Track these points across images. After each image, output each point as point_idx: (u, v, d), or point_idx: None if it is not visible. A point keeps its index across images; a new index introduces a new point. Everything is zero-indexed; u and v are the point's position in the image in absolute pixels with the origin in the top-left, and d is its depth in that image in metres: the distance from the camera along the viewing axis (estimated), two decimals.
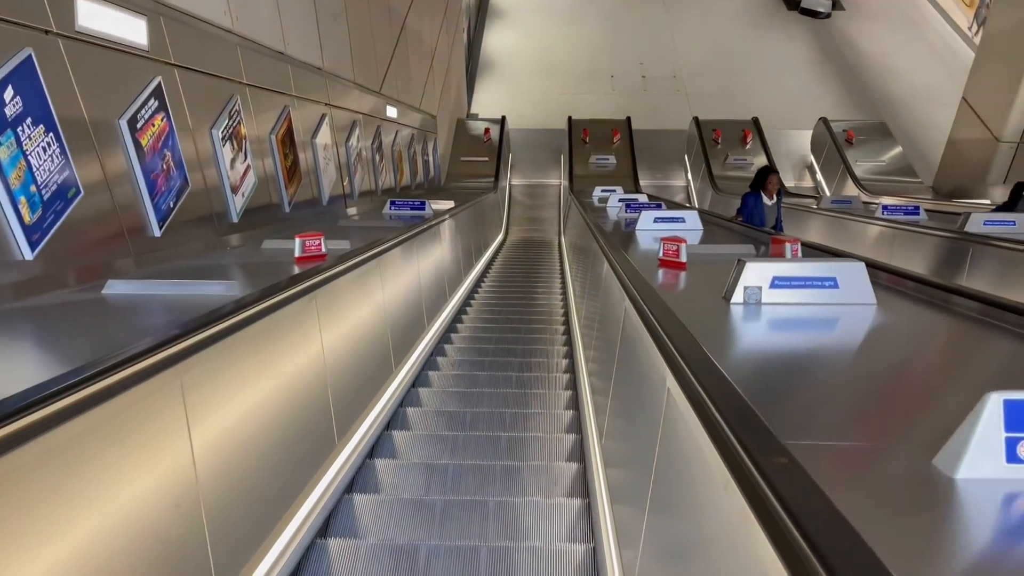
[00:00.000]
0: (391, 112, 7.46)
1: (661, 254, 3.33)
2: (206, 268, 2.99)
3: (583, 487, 3.00)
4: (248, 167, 3.93)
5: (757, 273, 2.37)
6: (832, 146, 12.14)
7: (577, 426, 3.63)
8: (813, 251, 3.41)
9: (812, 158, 13.01)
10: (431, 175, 9.97)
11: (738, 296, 2.35)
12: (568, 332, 5.48)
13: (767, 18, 18.06)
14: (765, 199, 6.21)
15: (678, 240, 3.29)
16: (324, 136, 5.27)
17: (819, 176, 12.55)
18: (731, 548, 1.06)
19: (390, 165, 7.56)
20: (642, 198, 7.50)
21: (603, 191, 9.67)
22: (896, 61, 15.98)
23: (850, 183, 11.49)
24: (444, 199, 8.91)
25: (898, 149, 12.04)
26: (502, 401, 3.98)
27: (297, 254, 3.16)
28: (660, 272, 3.22)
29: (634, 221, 5.79)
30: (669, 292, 2.81)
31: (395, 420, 3.67)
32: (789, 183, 11.95)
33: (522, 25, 18.16)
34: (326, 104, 5.42)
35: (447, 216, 6.23)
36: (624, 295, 2.60)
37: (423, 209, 6.37)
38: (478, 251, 8.15)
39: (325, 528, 2.60)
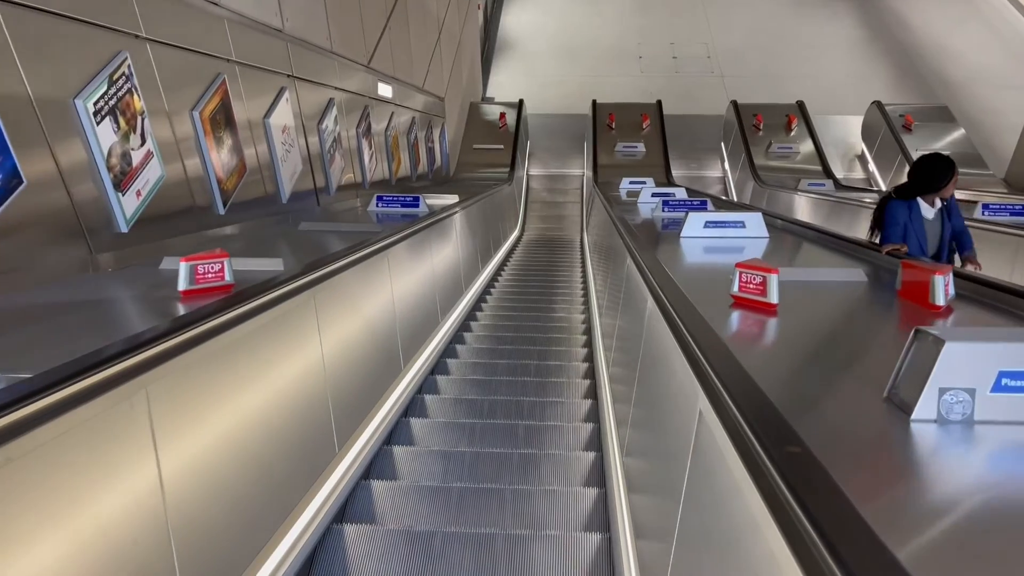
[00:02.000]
0: (384, 91, 6.34)
1: (737, 288, 2.19)
2: None
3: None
4: (149, 154, 2.83)
5: (966, 361, 1.21)
6: (888, 133, 10.86)
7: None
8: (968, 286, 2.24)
9: (864, 146, 11.72)
10: (437, 165, 8.85)
11: (927, 409, 1.20)
12: (592, 375, 4.33)
13: None
14: (925, 208, 3.68)
15: (762, 268, 2.13)
16: (282, 116, 4.16)
17: (872, 166, 11.27)
18: None
19: (383, 154, 6.44)
20: (681, 192, 6.32)
21: (632, 183, 8.54)
22: (952, 40, 14.59)
23: (905, 171, 10.20)
24: (448, 193, 7.82)
25: (962, 136, 10.72)
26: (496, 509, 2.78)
27: (183, 286, 2.06)
28: (736, 318, 2.08)
29: (673, 222, 4.70)
30: (772, 370, 1.63)
31: (351, 500, 2.59)
32: (838, 174, 10.69)
33: (543, 3, 16.93)
34: (288, 76, 4.31)
35: (445, 215, 5.11)
36: (697, 388, 1.44)
37: (416, 206, 5.26)
38: (487, 252, 7.04)
39: None
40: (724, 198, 11.02)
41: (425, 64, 8.18)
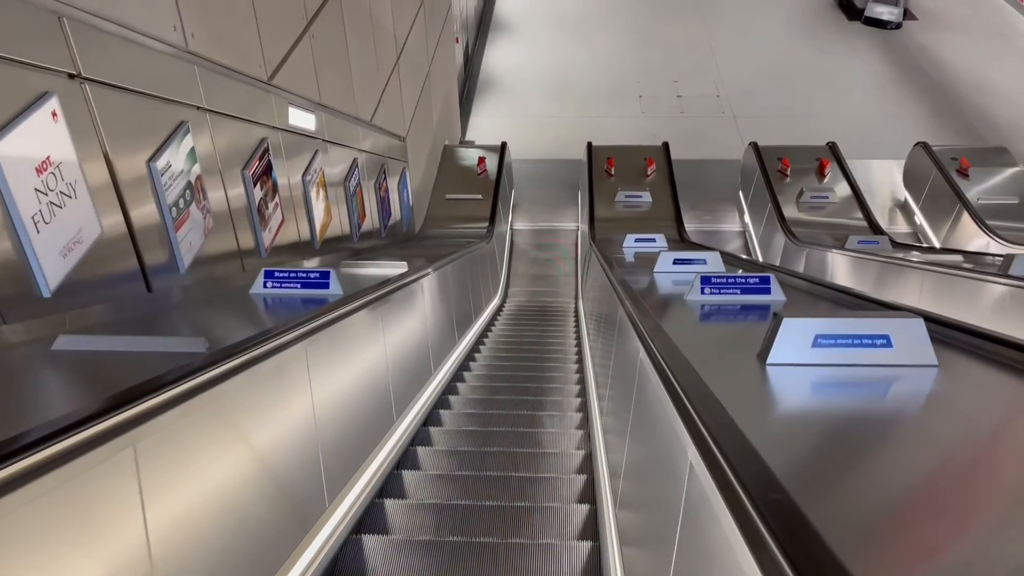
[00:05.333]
0: (300, 120, 4.53)
1: None
2: None
3: None
4: None
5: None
6: (939, 178, 9.12)
7: None
8: None
9: (907, 194, 9.97)
10: (395, 219, 7.02)
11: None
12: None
13: (824, 29, 15.18)
14: None
15: None
16: (39, 143, 2.32)
17: (919, 218, 9.51)
18: None
19: (300, 206, 4.61)
20: (713, 259, 4.47)
21: (638, 241, 6.76)
22: (991, 76, 13.01)
23: (967, 226, 8.45)
24: (402, 256, 5.96)
25: None
26: None
27: None
28: None
29: (719, 313, 3.01)
30: None
31: None
32: (884, 225, 8.91)
33: (531, 39, 15.36)
34: (72, 77, 2.48)
35: (365, 301, 3.25)
36: None
37: (325, 286, 3.41)
38: (449, 338, 5.18)
39: None
40: (746, 256, 9.23)
41: (375, 93, 6.40)
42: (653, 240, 6.79)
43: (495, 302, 8.05)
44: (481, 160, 9.73)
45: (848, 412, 1.82)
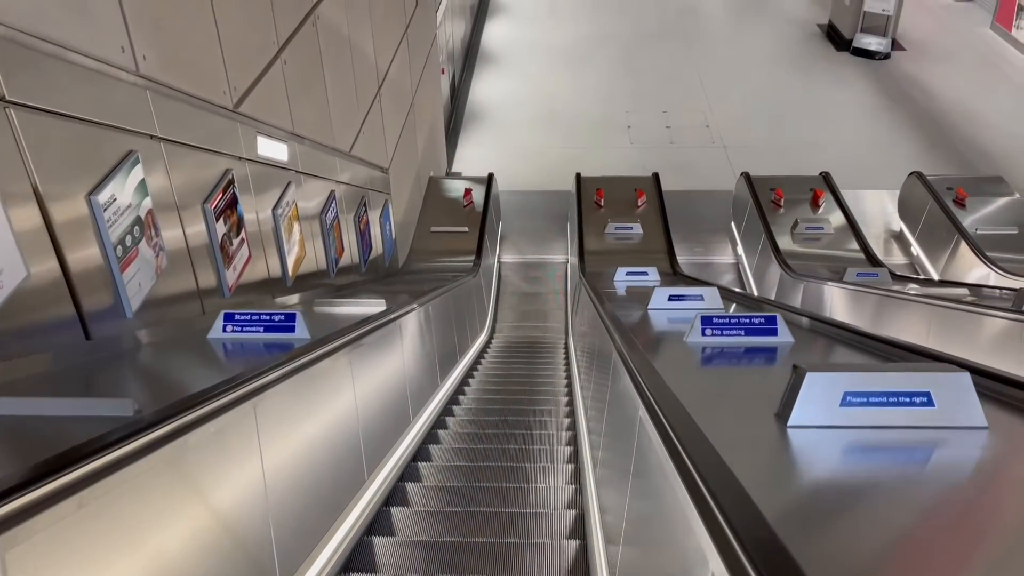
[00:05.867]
0: (270, 150, 4.26)
1: None
2: None
3: None
4: None
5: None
6: (935, 208, 8.92)
7: None
8: None
9: (903, 225, 9.77)
10: (376, 253, 6.74)
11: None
12: None
13: (813, 60, 15.11)
14: None
15: None
16: None
17: (916, 249, 9.30)
18: None
19: (271, 242, 4.32)
20: (711, 294, 4.19)
21: (630, 274, 6.51)
22: (981, 105, 12.91)
23: (966, 257, 8.23)
24: (382, 292, 5.70)
25: None
26: None
27: None
28: None
29: (723, 356, 2.75)
30: None
31: None
32: (880, 257, 8.68)
33: (518, 71, 15.23)
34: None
35: (334, 346, 2.96)
36: None
37: (291, 329, 3.12)
38: (431, 379, 4.87)
39: None
40: (742, 291, 8.99)
41: (354, 123, 6.15)
42: (645, 273, 6.54)
43: (482, 338, 7.75)
44: (467, 192, 9.48)
45: (890, 489, 1.53)
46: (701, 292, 4.30)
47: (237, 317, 3.16)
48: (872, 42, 14.79)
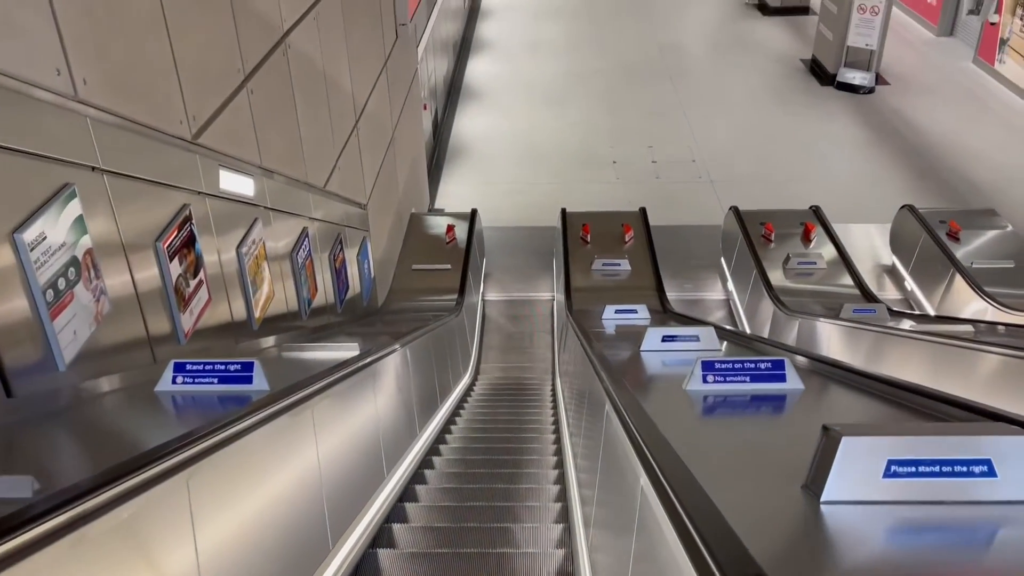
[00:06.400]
0: (235, 184, 3.97)
1: None
2: None
3: None
4: None
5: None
6: (928, 242, 8.73)
7: None
8: None
9: (896, 259, 9.58)
10: (352, 292, 6.43)
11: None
12: None
13: (797, 95, 15.06)
14: None
15: None
16: None
17: (910, 283, 9.09)
18: None
19: (235, 283, 4.02)
20: (707, 335, 3.92)
21: (619, 312, 6.25)
22: (968, 139, 12.85)
23: (962, 292, 8.02)
24: (358, 333, 5.40)
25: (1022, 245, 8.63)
26: None
27: None
28: None
29: (726, 405, 2.47)
30: None
31: None
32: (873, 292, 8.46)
33: (502, 106, 15.09)
34: None
35: (294, 399, 2.65)
36: None
37: (248, 380, 2.81)
38: (410, 427, 4.54)
39: None
40: (731, 328, 8.73)
41: (330, 157, 5.88)
42: (635, 311, 6.29)
43: (465, 381, 7.43)
44: (450, 228, 9.22)
45: None
46: (696, 332, 4.03)
47: (188, 367, 2.86)
48: (856, 76, 14.77)
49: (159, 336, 3.20)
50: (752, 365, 2.83)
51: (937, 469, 1.46)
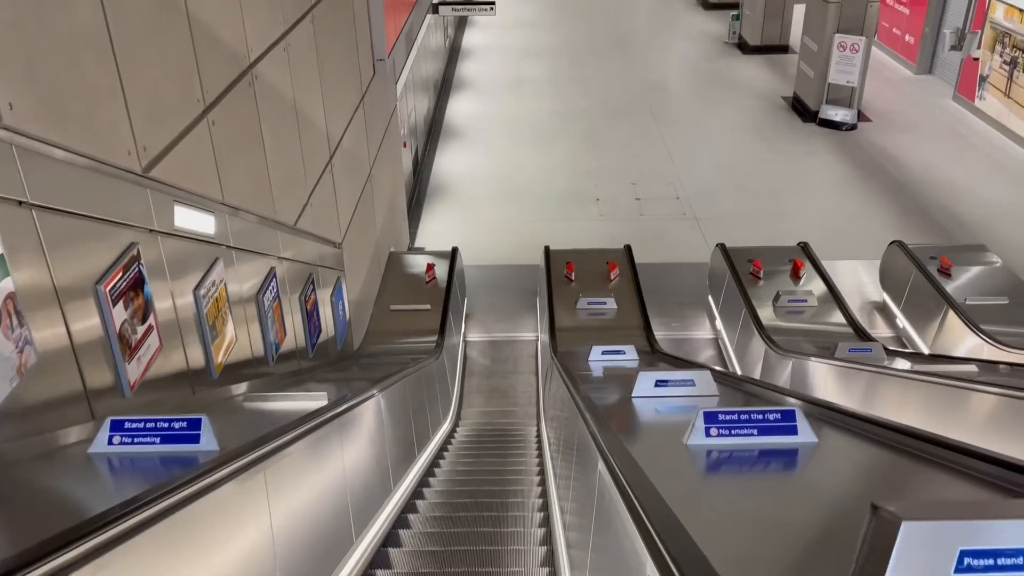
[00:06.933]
0: (193, 222, 3.68)
1: None
2: None
3: None
4: None
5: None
6: (919, 279, 8.54)
7: None
8: None
9: (887, 297, 9.38)
10: (326, 336, 6.11)
11: None
12: None
13: (780, 131, 15.02)
14: None
15: None
16: None
17: (902, 321, 8.87)
18: None
19: (192, 328, 3.69)
20: (704, 380, 3.63)
21: (606, 353, 5.97)
22: (952, 175, 12.80)
23: (956, 330, 7.81)
24: (329, 379, 5.08)
25: (1020, 282, 8.44)
26: None
27: None
28: None
29: (740, 460, 2.15)
30: None
31: None
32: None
33: (484, 145, 14.94)
34: None
35: (243, 462, 2.32)
36: None
37: (194, 439, 2.50)
38: (383, 484, 4.20)
39: None
40: (721, 369, 8.46)
41: (301, 194, 5.60)
42: (622, 352, 6.00)
43: (445, 427, 7.09)
44: (430, 267, 8.94)
45: None
46: (691, 377, 3.74)
47: (127, 425, 2.54)
48: (838, 113, 14.75)
49: (100, 389, 2.88)
50: (760, 416, 2.56)
51: (1020, 560, 1.18)
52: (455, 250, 9.35)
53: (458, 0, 14.88)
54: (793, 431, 2.55)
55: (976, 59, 13.28)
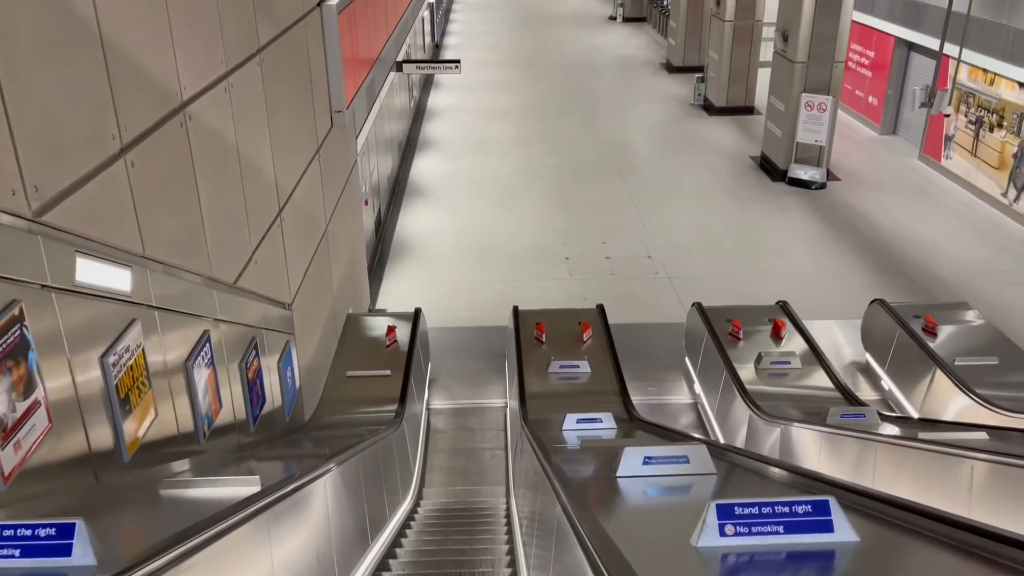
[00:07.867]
0: (99, 276, 3.13)
1: None
2: None
3: None
4: None
5: None
6: (904, 338, 8.17)
7: None
8: None
9: (869, 357, 8.99)
10: (271, 407, 5.50)
11: None
12: None
13: (750, 190, 14.87)
14: None
15: None
16: None
17: (887, 382, 8.47)
18: None
19: (98, 402, 3.11)
20: (698, 455, 3.13)
21: (581, 422, 5.48)
22: (924, 233, 12.65)
23: (947, 392, 7.41)
24: (269, 460, 4.51)
25: (1006, 340, 8.10)
26: None
27: None
28: None
29: (762, 565, 1.52)
30: None
31: None
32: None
33: (449, 204, 14.56)
34: None
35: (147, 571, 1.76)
36: None
37: (65, 551, 1.92)
38: (329, 573, 3.59)
39: None
40: (716, 442, 7.97)
41: (243, 249, 5.07)
42: (599, 420, 5.52)
43: (405, 506, 6.45)
44: (391, 329, 8.37)
45: None
46: (685, 452, 3.25)
47: None
48: (807, 172, 14.66)
49: None
50: (786, 509, 2.11)
51: None
52: (418, 311, 8.81)
53: (422, 59, 14.66)
54: (828, 527, 2.09)
55: (947, 115, 13.30)
